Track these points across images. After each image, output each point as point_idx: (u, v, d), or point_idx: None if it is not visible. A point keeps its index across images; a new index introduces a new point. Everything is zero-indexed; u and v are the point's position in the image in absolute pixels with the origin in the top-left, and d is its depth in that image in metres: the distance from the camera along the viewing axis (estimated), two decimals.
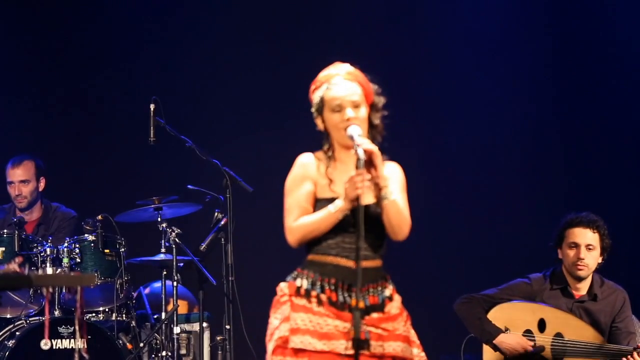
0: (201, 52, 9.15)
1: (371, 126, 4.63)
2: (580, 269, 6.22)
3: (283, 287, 4.58)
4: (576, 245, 6.23)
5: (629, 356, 5.98)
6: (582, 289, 6.27)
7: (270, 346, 4.53)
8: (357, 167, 4.42)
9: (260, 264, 8.43)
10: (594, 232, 6.25)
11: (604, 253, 6.26)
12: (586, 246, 6.23)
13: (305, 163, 4.60)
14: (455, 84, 8.97)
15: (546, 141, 8.84)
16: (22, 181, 8.12)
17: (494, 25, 8.96)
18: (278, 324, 4.52)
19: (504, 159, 8.85)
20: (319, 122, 4.64)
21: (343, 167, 4.61)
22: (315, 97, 4.62)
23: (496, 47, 8.94)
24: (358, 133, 4.50)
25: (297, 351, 4.46)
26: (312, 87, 4.67)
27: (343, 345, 4.44)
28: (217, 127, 9.00)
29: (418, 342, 4.64)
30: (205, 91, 9.16)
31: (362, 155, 4.42)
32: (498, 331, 6.17)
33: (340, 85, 4.58)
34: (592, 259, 6.23)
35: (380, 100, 4.67)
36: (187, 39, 9.19)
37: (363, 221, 4.39)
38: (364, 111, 4.58)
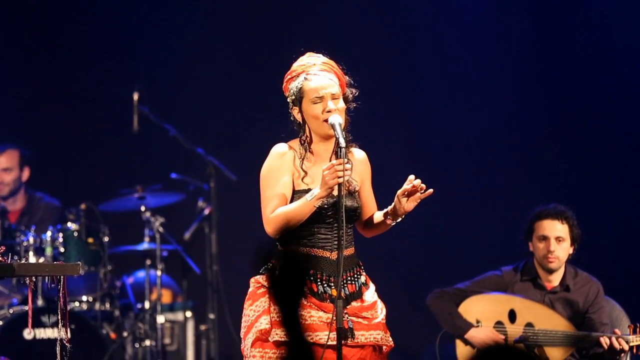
0: (185, 41, 9.12)
1: None
2: (551, 262, 6.21)
3: (260, 279, 4.56)
4: (545, 238, 6.21)
5: (602, 339, 5.93)
6: (555, 280, 6.24)
7: (248, 339, 4.50)
8: (337, 156, 4.41)
9: (244, 253, 8.40)
10: (563, 224, 6.21)
11: (574, 243, 6.22)
12: (556, 238, 6.21)
13: (282, 153, 4.58)
14: (441, 78, 8.95)
15: (527, 134, 8.84)
16: (5, 169, 8.07)
17: (483, 21, 8.94)
18: (256, 317, 4.49)
19: (485, 153, 8.85)
20: (295, 113, 4.60)
21: (318, 159, 4.60)
22: (293, 88, 4.59)
23: (483, 43, 8.93)
24: (339, 122, 4.48)
25: (280, 344, 4.45)
26: (287, 76, 4.64)
27: (327, 336, 4.44)
28: (201, 116, 8.98)
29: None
30: (189, 80, 9.13)
31: (343, 144, 4.41)
32: (469, 326, 6.17)
33: (320, 77, 4.56)
34: (562, 251, 6.20)
35: (352, 92, 4.65)
36: (171, 28, 9.15)
37: (344, 210, 4.40)
38: (342, 103, 4.57)
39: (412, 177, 4.47)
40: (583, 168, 8.67)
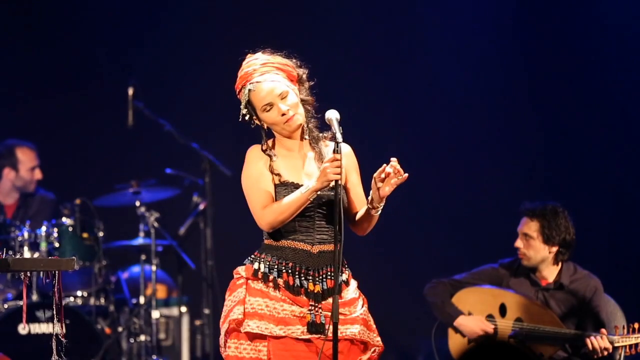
0: (180, 36, 9.11)
1: (302, 101, 4.61)
2: (520, 257, 6.23)
3: (240, 270, 4.58)
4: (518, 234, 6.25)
5: (587, 339, 5.92)
6: (549, 277, 6.23)
7: (223, 329, 4.52)
8: (335, 152, 4.41)
9: (239, 248, 8.39)
10: (532, 221, 6.20)
11: (549, 243, 6.17)
12: (523, 235, 6.22)
13: (258, 152, 4.60)
14: (433, 74, 8.95)
15: (523, 127, 8.85)
16: (35, 166, 8.10)
17: (473, 16, 8.94)
18: (232, 307, 4.50)
19: (481, 146, 8.86)
20: (257, 121, 4.61)
21: (288, 152, 4.61)
22: (243, 101, 4.60)
23: (474, 40, 8.93)
24: (336, 117, 4.49)
25: (254, 336, 4.46)
26: (237, 90, 4.64)
27: (299, 330, 4.44)
28: (195, 111, 8.98)
29: (375, 327, 4.63)
30: (184, 75, 9.12)
31: (340, 139, 4.41)
32: (458, 313, 6.20)
33: (262, 83, 4.54)
34: (530, 249, 6.18)
35: (304, 72, 4.64)
36: (166, 22, 9.15)
37: (338, 204, 4.40)
38: (293, 96, 4.56)
39: (394, 159, 4.46)
40: (580, 164, 8.67)
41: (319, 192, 4.46)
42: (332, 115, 4.49)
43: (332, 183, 4.42)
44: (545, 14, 8.81)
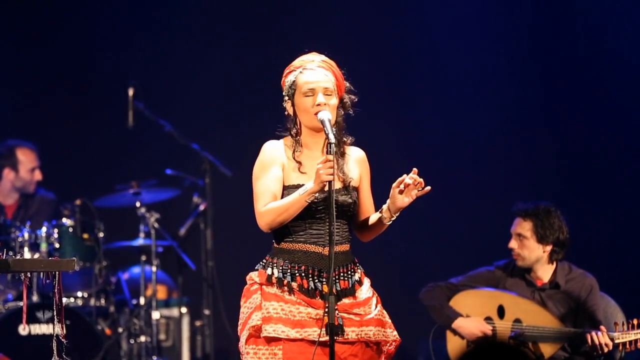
0: (181, 37, 9.11)
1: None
2: (514, 258, 6.23)
3: (253, 275, 4.57)
4: (512, 235, 6.25)
5: (588, 335, 5.91)
6: (544, 277, 6.23)
7: (243, 336, 4.52)
8: (328, 153, 4.41)
9: (239, 249, 8.41)
10: (525, 221, 6.21)
11: (543, 242, 6.17)
12: (516, 235, 6.23)
13: (273, 149, 4.60)
14: (439, 76, 8.95)
15: (524, 130, 8.85)
16: (36, 167, 8.10)
17: (480, 18, 8.94)
18: (249, 314, 4.50)
19: (482, 149, 8.86)
20: (288, 106, 4.62)
21: (309, 152, 4.61)
22: (288, 81, 4.61)
23: (479, 42, 8.93)
24: (328, 118, 4.49)
25: (270, 340, 4.46)
26: (286, 71, 4.66)
27: (316, 332, 4.43)
28: (196, 111, 8.98)
29: (390, 322, 4.63)
30: (185, 75, 9.12)
31: (333, 140, 4.41)
32: (456, 315, 6.20)
33: (315, 71, 4.57)
34: (524, 249, 6.18)
35: (349, 99, 4.65)
36: (167, 23, 9.15)
37: (334, 206, 4.39)
38: (335, 100, 4.57)
39: (415, 170, 4.45)
40: (578, 164, 8.67)
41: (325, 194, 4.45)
42: (324, 116, 4.49)
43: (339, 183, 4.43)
44: (557, 20, 8.82)
